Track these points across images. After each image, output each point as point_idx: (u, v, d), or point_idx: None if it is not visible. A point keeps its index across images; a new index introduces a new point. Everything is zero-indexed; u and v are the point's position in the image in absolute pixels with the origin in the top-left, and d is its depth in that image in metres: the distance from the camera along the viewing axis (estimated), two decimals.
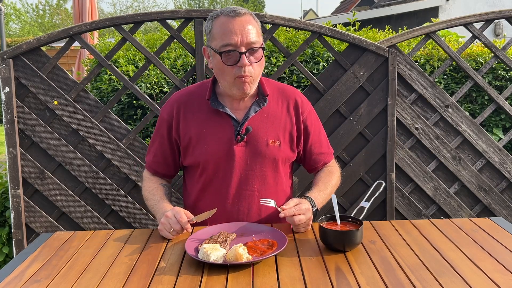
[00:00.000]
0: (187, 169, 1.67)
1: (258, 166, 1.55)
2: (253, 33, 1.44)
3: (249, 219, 1.57)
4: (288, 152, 1.60)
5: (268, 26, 2.30)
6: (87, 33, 3.20)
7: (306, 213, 1.41)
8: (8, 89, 2.24)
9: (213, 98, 1.56)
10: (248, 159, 1.55)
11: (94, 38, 5.41)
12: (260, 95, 1.58)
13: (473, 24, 2.40)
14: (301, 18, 5.25)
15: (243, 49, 1.42)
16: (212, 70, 1.54)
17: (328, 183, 1.63)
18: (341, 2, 14.91)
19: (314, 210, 1.47)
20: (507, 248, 1.30)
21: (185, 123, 1.58)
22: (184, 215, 1.40)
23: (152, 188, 1.63)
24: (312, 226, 1.48)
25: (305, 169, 1.76)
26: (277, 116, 1.58)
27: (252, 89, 1.51)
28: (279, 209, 1.41)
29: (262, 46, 1.48)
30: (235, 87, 1.48)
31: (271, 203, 1.45)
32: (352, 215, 1.41)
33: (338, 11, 14.20)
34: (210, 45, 1.49)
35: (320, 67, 2.56)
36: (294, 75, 2.59)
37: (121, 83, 2.60)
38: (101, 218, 2.37)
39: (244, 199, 1.56)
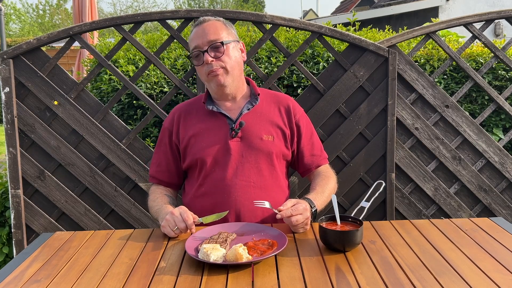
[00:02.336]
0: (187, 174, 1.72)
1: (253, 158, 1.60)
2: (215, 32, 1.57)
3: (247, 210, 1.57)
4: (283, 147, 1.66)
5: (268, 26, 2.30)
6: (87, 33, 3.20)
7: (303, 213, 1.40)
8: (8, 89, 2.24)
9: (209, 102, 1.67)
10: (244, 152, 1.60)
11: (94, 38, 5.41)
12: (252, 95, 1.69)
13: (473, 24, 2.40)
14: (301, 18, 5.24)
15: (205, 48, 1.55)
16: None
17: (325, 186, 1.64)
18: (341, 2, 14.90)
19: (313, 211, 1.48)
20: (507, 248, 1.31)
21: (184, 127, 1.66)
22: (190, 215, 1.41)
23: (157, 197, 1.66)
24: (312, 226, 1.48)
25: (299, 173, 1.78)
26: (270, 116, 1.67)
27: (228, 80, 1.60)
28: (275, 210, 1.41)
29: (222, 41, 1.57)
30: (211, 82, 1.60)
31: (266, 204, 1.45)
32: (352, 215, 1.40)
33: (338, 11, 14.19)
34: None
35: (320, 67, 2.56)
36: (294, 75, 2.58)
37: (121, 83, 2.60)
38: (101, 218, 2.37)
39: (240, 189, 1.58)
